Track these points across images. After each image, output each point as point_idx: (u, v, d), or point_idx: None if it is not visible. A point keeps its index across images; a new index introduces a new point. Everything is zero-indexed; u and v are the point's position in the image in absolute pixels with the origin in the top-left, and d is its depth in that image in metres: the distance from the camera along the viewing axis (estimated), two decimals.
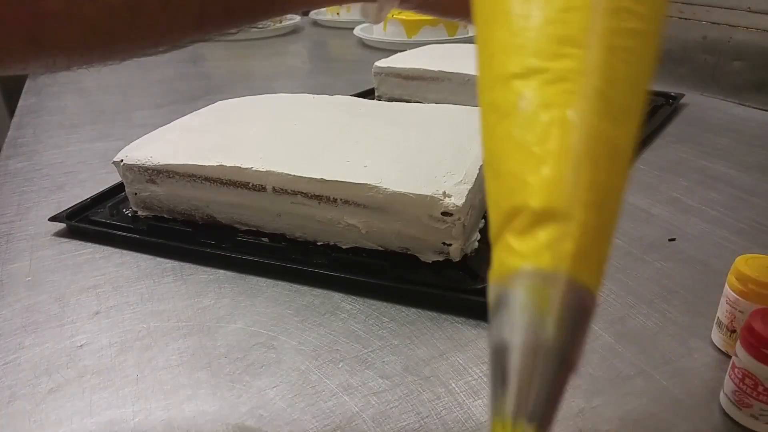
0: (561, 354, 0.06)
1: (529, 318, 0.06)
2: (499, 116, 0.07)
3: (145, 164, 0.23)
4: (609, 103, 0.07)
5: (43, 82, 0.48)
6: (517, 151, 0.07)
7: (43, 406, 0.16)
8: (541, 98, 0.07)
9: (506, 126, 0.07)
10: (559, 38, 0.07)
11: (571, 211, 0.06)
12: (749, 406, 0.14)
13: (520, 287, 0.06)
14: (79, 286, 0.21)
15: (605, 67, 0.07)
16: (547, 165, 0.06)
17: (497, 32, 0.08)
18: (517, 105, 0.07)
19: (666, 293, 0.20)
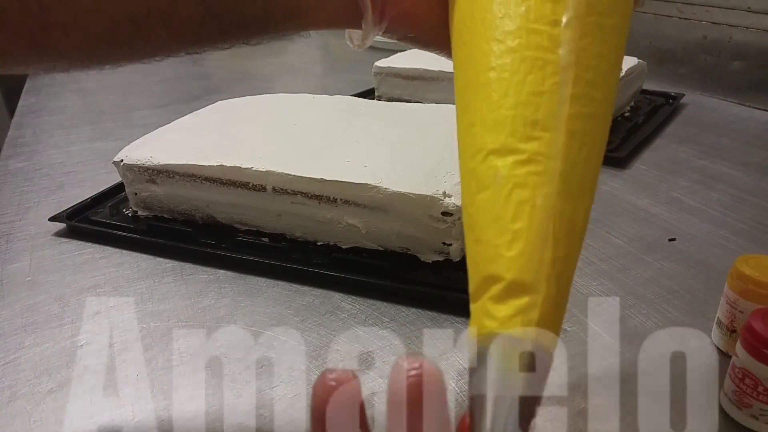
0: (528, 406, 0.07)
1: (504, 375, 0.07)
2: (479, 187, 0.09)
3: (145, 164, 0.23)
4: (569, 185, 0.08)
5: (43, 82, 0.48)
6: (495, 224, 0.08)
7: (43, 406, 0.16)
8: (514, 179, 0.08)
9: (485, 198, 0.09)
10: (530, 121, 0.08)
11: (537, 284, 0.08)
12: (749, 406, 0.14)
13: (495, 349, 0.07)
14: (79, 286, 0.21)
15: (567, 150, 0.08)
16: (518, 242, 0.08)
17: (477, 104, 0.09)
18: (494, 180, 0.09)
19: (666, 293, 0.20)
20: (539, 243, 0.08)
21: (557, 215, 0.08)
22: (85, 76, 0.51)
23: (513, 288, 0.08)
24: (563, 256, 0.08)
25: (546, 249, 0.08)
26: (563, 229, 0.08)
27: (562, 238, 0.08)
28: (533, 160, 0.08)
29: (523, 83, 0.09)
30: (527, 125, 0.08)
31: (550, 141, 0.08)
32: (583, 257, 0.22)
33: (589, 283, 0.21)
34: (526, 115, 0.09)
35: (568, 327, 0.18)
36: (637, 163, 0.31)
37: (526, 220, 0.08)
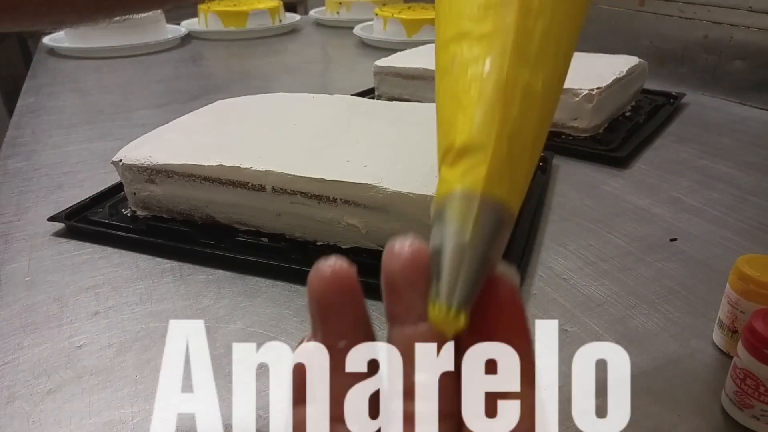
0: (479, 253, 0.07)
1: (454, 227, 0.07)
2: (441, 75, 0.09)
3: (144, 164, 0.23)
4: (523, 52, 0.08)
5: (41, 82, 0.48)
6: (451, 101, 0.08)
7: (42, 407, 0.15)
8: (468, 56, 0.09)
9: (445, 82, 0.09)
10: (484, 4, 0.09)
11: (484, 143, 0.08)
12: (750, 406, 0.14)
13: (448, 206, 0.08)
14: (78, 287, 0.21)
15: (520, 24, 0.08)
16: (467, 110, 0.08)
17: (443, 3, 0.10)
18: (451, 64, 0.09)
19: (667, 293, 0.20)
20: (486, 106, 0.08)
21: (510, 81, 0.08)
22: (84, 76, 0.51)
23: (462, 151, 0.08)
24: (516, 117, 0.08)
25: (494, 111, 0.08)
26: (517, 92, 0.08)
27: (516, 101, 0.08)
28: (485, 37, 0.08)
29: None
30: (480, 8, 0.09)
31: (502, 17, 0.08)
32: (583, 257, 0.22)
33: (590, 284, 0.21)
34: (481, 0, 0.09)
35: (568, 327, 0.18)
36: (638, 163, 0.31)
37: (476, 88, 0.08)
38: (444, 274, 0.07)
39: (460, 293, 0.07)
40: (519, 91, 0.08)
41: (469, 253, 0.07)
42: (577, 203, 0.27)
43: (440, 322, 0.07)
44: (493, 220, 0.07)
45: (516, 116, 0.08)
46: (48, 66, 0.54)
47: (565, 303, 0.19)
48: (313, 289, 0.07)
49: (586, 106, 0.32)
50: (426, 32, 0.59)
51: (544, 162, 0.30)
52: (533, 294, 0.20)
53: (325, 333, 0.07)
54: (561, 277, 0.21)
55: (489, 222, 0.07)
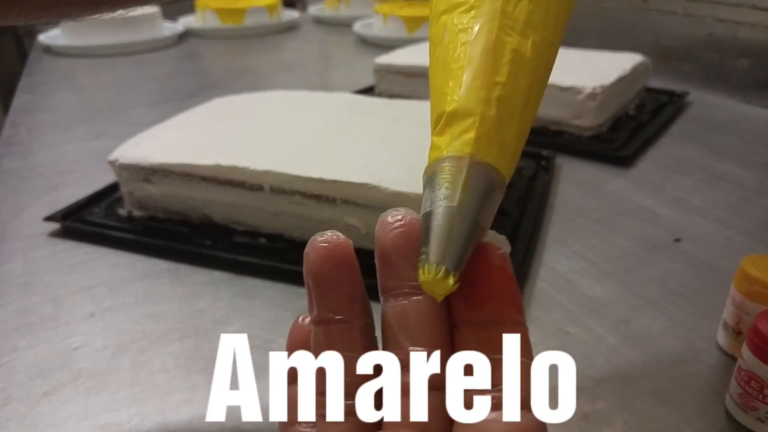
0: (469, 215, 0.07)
1: (443, 191, 0.07)
2: (433, 47, 0.09)
3: (141, 163, 0.23)
4: (510, 19, 0.08)
5: (37, 80, 0.48)
6: (441, 70, 0.09)
7: (38, 409, 0.15)
8: (458, 26, 0.09)
9: (437, 53, 0.09)
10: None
11: (472, 108, 0.08)
12: (755, 409, 0.14)
13: (438, 171, 0.08)
14: (74, 288, 0.20)
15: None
16: (456, 77, 0.08)
17: None
18: (442, 34, 0.09)
19: (671, 294, 0.20)
20: (476, 72, 0.08)
21: (498, 45, 0.08)
22: (79, 74, 0.51)
23: (451, 117, 0.08)
24: (505, 81, 0.08)
25: (482, 76, 0.08)
26: (505, 57, 0.08)
27: (503, 66, 0.08)
28: (474, 7, 0.09)
29: None
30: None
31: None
32: (587, 258, 0.22)
33: (594, 285, 0.20)
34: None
35: (571, 329, 0.18)
36: (641, 162, 0.31)
37: (463, 55, 0.08)
38: (433, 236, 0.07)
39: (450, 255, 0.07)
40: (507, 56, 0.08)
41: (459, 215, 0.07)
42: (580, 203, 0.26)
43: (430, 284, 0.07)
44: (483, 183, 0.08)
45: (504, 80, 0.08)
46: (44, 64, 0.54)
47: (568, 304, 0.19)
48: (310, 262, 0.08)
49: (589, 105, 0.32)
50: (426, 29, 0.59)
51: (547, 161, 0.29)
52: (536, 296, 0.20)
53: (321, 307, 0.07)
54: (564, 278, 0.21)
55: (479, 185, 0.07)
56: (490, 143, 0.08)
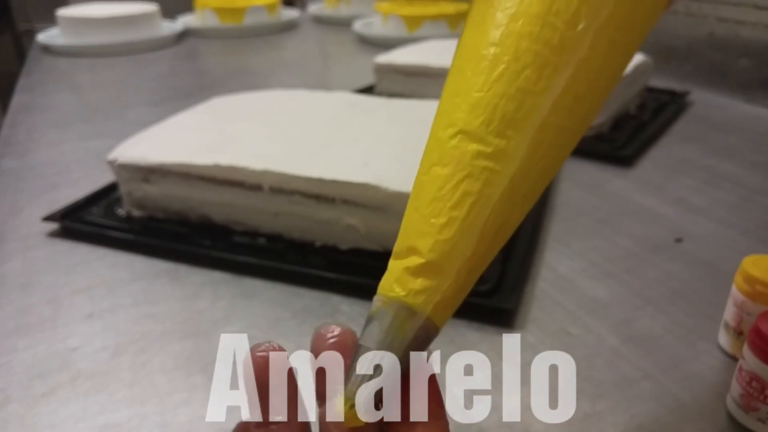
0: (395, 368, 0.08)
1: (386, 341, 0.08)
2: (439, 160, 0.09)
3: (139, 163, 0.23)
4: (515, 190, 0.09)
5: (36, 80, 0.48)
6: (438, 203, 0.09)
7: (37, 410, 0.15)
8: (471, 168, 0.09)
9: (439, 174, 0.09)
10: (509, 118, 0.09)
11: (450, 272, 0.09)
12: (756, 409, 0.14)
13: (393, 315, 0.09)
14: (73, 288, 0.20)
15: (528, 158, 0.09)
16: (449, 229, 0.09)
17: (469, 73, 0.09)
18: (453, 161, 0.09)
19: (672, 295, 0.19)
20: (466, 236, 0.09)
21: (492, 215, 0.09)
22: (78, 74, 0.50)
23: (428, 268, 0.09)
24: (483, 252, 0.09)
25: (469, 244, 0.09)
26: (493, 229, 0.09)
27: (488, 237, 0.09)
28: (494, 157, 0.09)
29: (518, 76, 0.09)
30: (503, 121, 0.09)
31: (517, 144, 0.09)
32: (588, 258, 0.22)
33: (595, 285, 0.20)
34: (507, 109, 0.09)
35: (572, 330, 0.18)
36: (643, 161, 0.31)
37: (464, 211, 0.09)
38: (354, 374, 0.08)
39: (362, 399, 0.08)
40: (495, 227, 0.09)
41: (386, 367, 0.08)
42: (581, 203, 0.26)
43: (342, 415, 0.08)
44: (424, 340, 0.09)
45: (484, 251, 0.09)
46: (42, 63, 0.53)
47: (569, 305, 0.19)
48: (250, 372, 0.08)
49: None
50: (427, 28, 0.58)
51: None
52: (536, 296, 0.20)
53: (264, 411, 0.09)
54: (565, 278, 0.21)
55: (420, 342, 0.09)
56: (446, 307, 0.09)
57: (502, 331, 0.18)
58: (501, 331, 0.18)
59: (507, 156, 0.09)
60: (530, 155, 0.09)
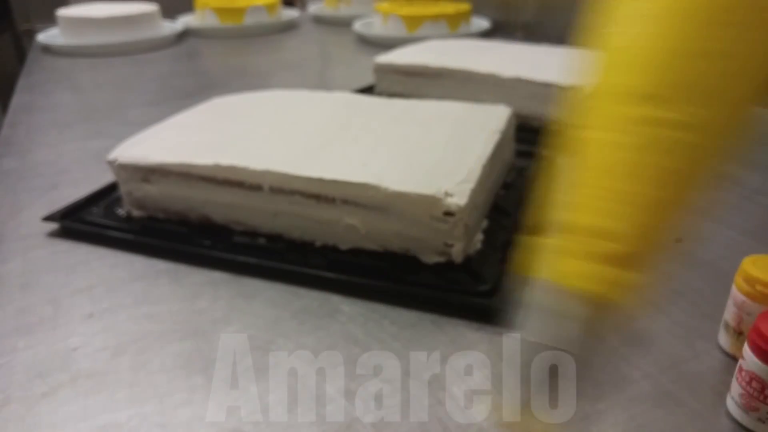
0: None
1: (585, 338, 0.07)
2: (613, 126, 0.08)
3: (140, 163, 0.23)
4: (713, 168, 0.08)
5: (36, 80, 0.48)
6: (631, 178, 0.07)
7: (37, 410, 0.15)
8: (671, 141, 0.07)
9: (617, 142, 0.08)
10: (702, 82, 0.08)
11: (651, 262, 0.08)
12: (756, 409, 0.14)
13: (584, 309, 0.07)
14: (73, 288, 0.20)
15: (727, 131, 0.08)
16: (653, 212, 0.07)
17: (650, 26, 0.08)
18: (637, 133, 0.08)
19: (672, 295, 0.19)
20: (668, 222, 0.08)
21: (695, 196, 0.08)
22: (78, 74, 0.50)
23: (629, 258, 0.07)
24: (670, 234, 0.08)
25: (671, 229, 0.08)
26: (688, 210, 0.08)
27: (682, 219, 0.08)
28: (689, 127, 0.07)
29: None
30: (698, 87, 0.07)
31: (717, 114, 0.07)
32: None
33: None
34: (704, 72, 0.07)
35: None
36: None
37: (670, 192, 0.07)
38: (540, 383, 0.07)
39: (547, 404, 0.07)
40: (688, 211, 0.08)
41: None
42: None
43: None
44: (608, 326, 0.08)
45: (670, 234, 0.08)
46: (42, 63, 0.53)
47: None
48: None
49: None
50: (427, 28, 0.58)
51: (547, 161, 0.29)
52: None
53: None
54: None
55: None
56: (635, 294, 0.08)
57: (502, 331, 0.18)
58: (501, 331, 0.18)
59: (700, 127, 0.07)
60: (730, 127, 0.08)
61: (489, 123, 0.24)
